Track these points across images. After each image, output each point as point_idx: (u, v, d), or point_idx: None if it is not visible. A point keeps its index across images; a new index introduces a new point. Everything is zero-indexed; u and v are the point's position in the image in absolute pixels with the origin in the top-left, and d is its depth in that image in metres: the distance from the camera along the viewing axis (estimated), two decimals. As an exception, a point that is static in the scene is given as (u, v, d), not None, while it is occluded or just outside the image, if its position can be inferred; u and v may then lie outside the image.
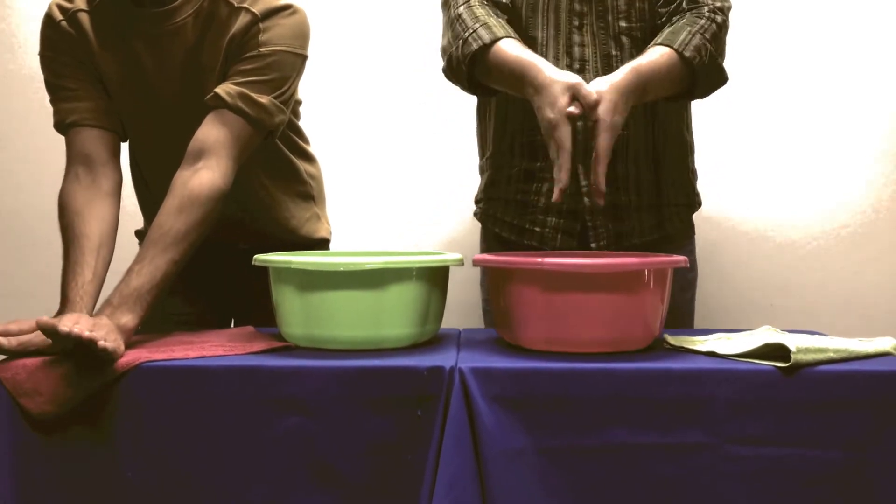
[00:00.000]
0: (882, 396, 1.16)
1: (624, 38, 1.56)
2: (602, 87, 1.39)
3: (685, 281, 1.69)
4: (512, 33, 1.51)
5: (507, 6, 1.58)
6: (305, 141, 1.76)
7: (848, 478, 1.15)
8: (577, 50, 1.56)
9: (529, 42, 1.56)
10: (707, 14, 1.52)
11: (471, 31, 1.50)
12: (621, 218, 1.62)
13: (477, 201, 1.78)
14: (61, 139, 1.54)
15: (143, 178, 1.66)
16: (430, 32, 1.74)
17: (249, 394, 1.18)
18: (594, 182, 1.41)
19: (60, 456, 1.19)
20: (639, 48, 1.55)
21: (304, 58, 1.52)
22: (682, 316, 1.69)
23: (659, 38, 1.50)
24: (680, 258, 1.31)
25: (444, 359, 1.22)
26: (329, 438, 1.17)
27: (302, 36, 1.51)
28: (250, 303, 1.60)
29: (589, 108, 1.39)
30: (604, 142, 1.39)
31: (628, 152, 1.62)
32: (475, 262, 1.38)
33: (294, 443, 1.17)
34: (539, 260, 1.24)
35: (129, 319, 1.27)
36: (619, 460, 1.16)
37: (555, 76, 1.41)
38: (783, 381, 1.16)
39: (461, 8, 1.54)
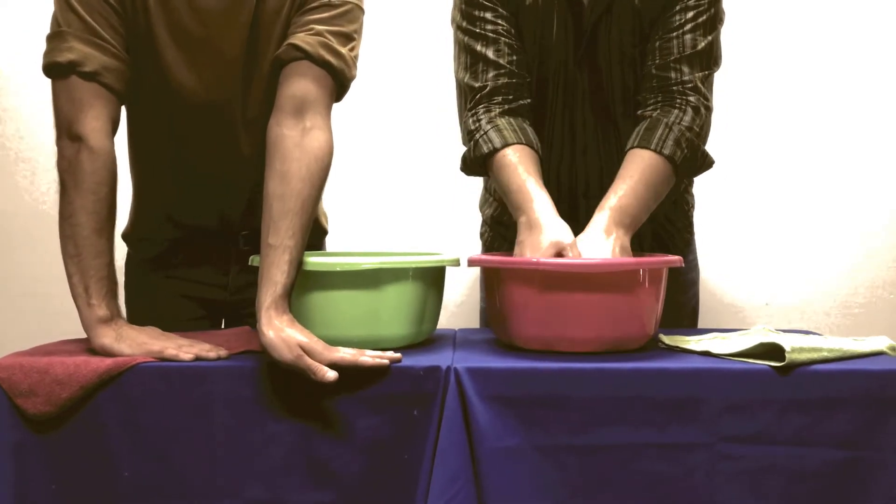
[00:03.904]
0: (876, 395, 1.16)
1: (620, 121, 1.56)
2: (587, 252, 1.32)
3: (686, 281, 1.70)
4: (523, 138, 1.48)
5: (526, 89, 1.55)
6: None
7: (842, 476, 1.16)
8: (579, 133, 1.56)
9: (538, 118, 1.56)
10: (678, 100, 1.47)
11: (483, 133, 1.49)
12: None
13: (484, 223, 1.78)
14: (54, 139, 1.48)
15: (159, 165, 1.53)
16: (439, 32, 1.74)
17: (245, 393, 1.19)
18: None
19: (58, 455, 1.19)
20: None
21: (363, 14, 1.43)
22: (684, 316, 1.69)
23: (635, 139, 1.46)
24: (675, 258, 1.31)
25: (441, 359, 1.22)
26: (325, 437, 1.18)
27: None
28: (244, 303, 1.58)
29: None
30: None
31: None
32: (470, 263, 1.39)
33: (290, 442, 1.18)
34: (534, 260, 1.25)
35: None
36: (614, 459, 1.16)
37: (548, 223, 1.35)
38: (778, 381, 1.17)
39: (480, 108, 1.52)
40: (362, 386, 1.18)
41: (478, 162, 1.50)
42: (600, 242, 1.34)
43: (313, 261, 1.28)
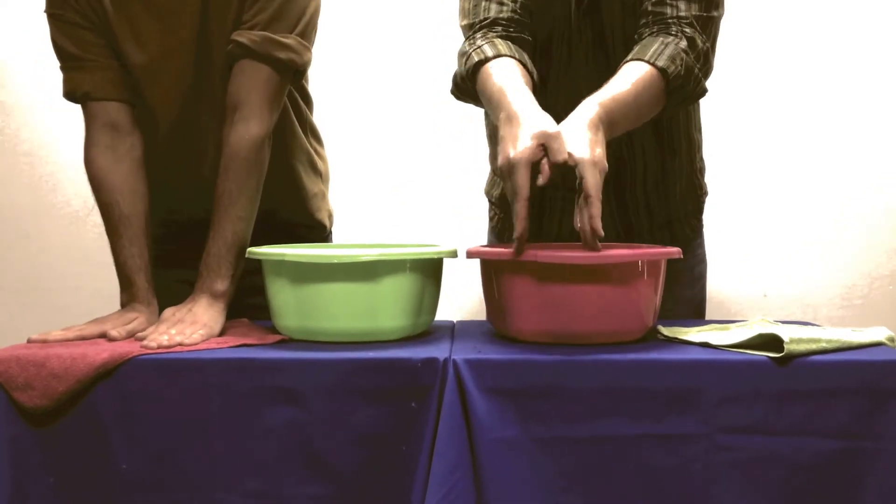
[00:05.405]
0: (874, 386, 1.16)
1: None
2: (573, 146, 1.25)
3: (693, 275, 1.69)
4: (517, 54, 1.44)
5: (527, 39, 1.52)
6: (318, 137, 1.74)
7: (840, 467, 1.16)
8: (583, 85, 1.50)
9: (541, 76, 1.53)
10: (674, 29, 1.43)
11: (477, 47, 1.47)
12: (633, 238, 1.63)
13: (491, 205, 1.77)
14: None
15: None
16: (447, 28, 1.73)
17: (243, 386, 1.18)
18: (589, 226, 1.23)
19: (55, 449, 1.19)
20: None
21: None
22: (690, 312, 1.68)
23: (630, 55, 1.42)
24: (673, 249, 1.31)
25: (439, 350, 1.22)
26: (323, 430, 1.17)
27: None
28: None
29: (558, 159, 1.25)
30: (592, 179, 1.22)
31: (636, 181, 1.61)
32: (469, 254, 1.38)
33: (288, 434, 1.18)
34: (533, 252, 1.25)
35: (220, 284, 1.38)
36: (612, 450, 1.16)
37: (528, 114, 1.28)
38: (776, 372, 1.17)
39: (478, 34, 1.51)
40: (360, 378, 1.18)
41: (469, 77, 1.46)
42: (586, 138, 1.25)
43: (311, 253, 1.28)
